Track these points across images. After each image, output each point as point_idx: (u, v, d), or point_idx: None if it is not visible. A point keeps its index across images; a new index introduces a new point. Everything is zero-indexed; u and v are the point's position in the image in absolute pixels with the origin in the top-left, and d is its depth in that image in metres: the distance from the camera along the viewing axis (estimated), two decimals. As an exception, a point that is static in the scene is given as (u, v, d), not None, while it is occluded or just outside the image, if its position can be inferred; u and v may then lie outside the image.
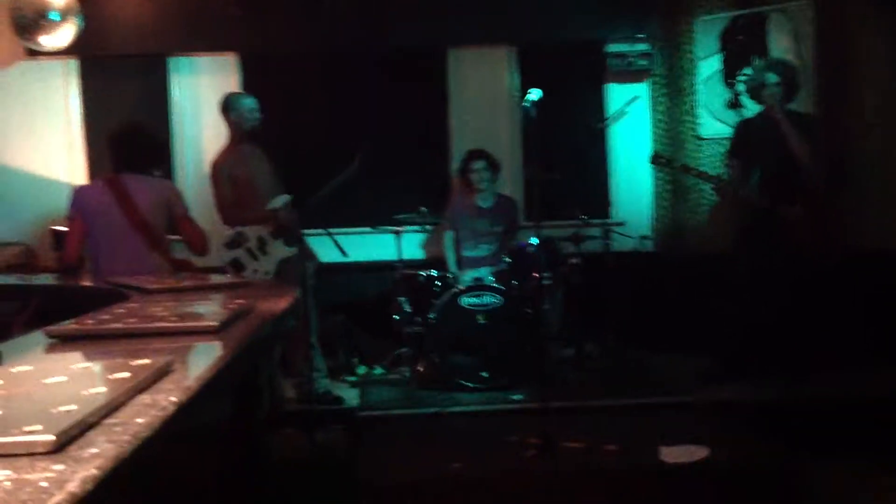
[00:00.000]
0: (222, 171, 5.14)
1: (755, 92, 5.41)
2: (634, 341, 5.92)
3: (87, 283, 3.90)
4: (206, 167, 6.05)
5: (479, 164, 5.95)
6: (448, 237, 6.03)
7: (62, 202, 5.96)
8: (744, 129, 5.52)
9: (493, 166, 6.01)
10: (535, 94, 4.26)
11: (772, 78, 5.25)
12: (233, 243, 5.10)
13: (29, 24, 5.46)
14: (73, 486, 0.84)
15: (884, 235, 5.68)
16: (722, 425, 4.51)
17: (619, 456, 4.04)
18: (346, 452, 4.45)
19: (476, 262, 5.86)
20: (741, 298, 5.27)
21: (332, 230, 5.09)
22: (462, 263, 5.92)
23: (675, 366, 5.70)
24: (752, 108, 5.96)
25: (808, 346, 5.23)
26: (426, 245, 6.46)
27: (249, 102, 5.19)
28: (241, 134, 5.14)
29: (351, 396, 5.24)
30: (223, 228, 5.24)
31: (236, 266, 5.05)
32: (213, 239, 5.48)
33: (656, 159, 5.54)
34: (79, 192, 4.38)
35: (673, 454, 3.98)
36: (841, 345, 5.43)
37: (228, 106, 5.23)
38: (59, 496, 0.81)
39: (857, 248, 5.76)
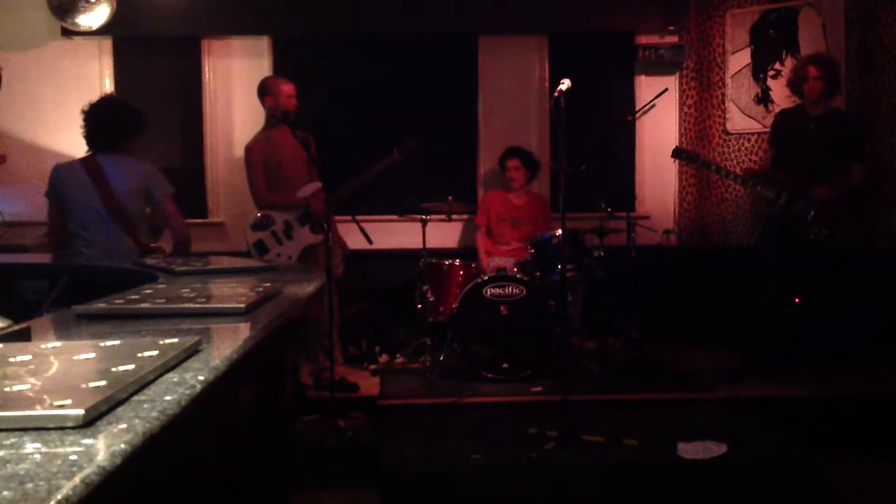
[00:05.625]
0: (255, 155, 5.16)
1: (796, 85, 5.30)
2: (657, 335, 5.89)
3: (114, 263, 3.92)
4: (237, 149, 6.10)
5: (514, 163, 5.93)
6: (480, 233, 6.03)
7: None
8: (781, 119, 5.47)
9: (530, 165, 5.99)
10: (564, 85, 4.24)
11: (813, 71, 5.18)
12: (258, 225, 5.11)
13: (64, 4, 5.50)
14: (103, 460, 0.85)
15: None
16: (743, 421, 4.48)
17: (638, 450, 4.03)
18: (370, 440, 4.47)
19: (502, 253, 5.87)
20: (766, 293, 5.23)
21: (358, 217, 5.10)
22: (491, 256, 5.92)
23: (698, 361, 5.67)
24: (779, 105, 5.91)
25: (834, 342, 5.19)
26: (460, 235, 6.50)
27: (287, 88, 5.17)
28: (276, 119, 5.15)
29: (371, 384, 5.26)
30: (252, 212, 5.26)
31: (260, 248, 5.07)
32: (241, 223, 5.53)
33: (678, 153, 5.46)
34: (56, 172, 4.17)
35: (690, 450, 3.96)
36: (866, 340, 5.39)
37: (266, 90, 5.23)
38: (88, 469, 0.82)
39: (887, 244, 5.71)
